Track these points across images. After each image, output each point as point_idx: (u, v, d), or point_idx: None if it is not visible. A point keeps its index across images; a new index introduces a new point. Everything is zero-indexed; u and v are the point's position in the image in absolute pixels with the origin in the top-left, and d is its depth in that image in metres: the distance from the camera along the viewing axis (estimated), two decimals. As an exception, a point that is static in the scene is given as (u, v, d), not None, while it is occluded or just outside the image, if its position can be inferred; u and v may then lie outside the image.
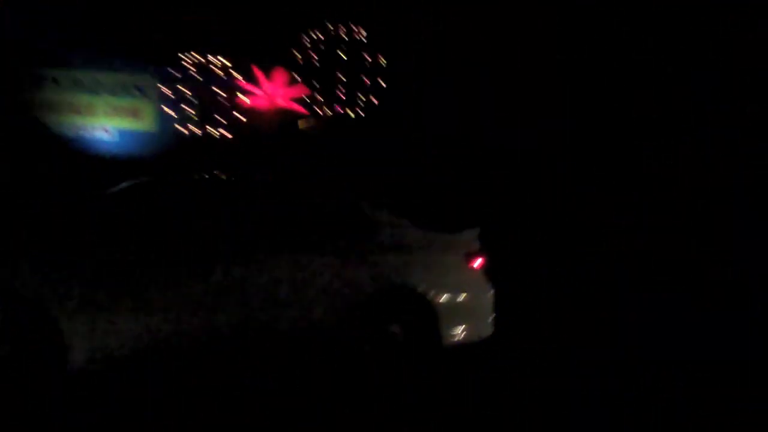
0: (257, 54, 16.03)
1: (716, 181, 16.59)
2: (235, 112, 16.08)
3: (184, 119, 15.56)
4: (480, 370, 6.36)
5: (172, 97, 15.63)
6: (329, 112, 17.54)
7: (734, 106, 17.44)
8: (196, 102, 15.57)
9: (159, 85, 15.56)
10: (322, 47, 17.75)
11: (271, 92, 16.40)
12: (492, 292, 5.83)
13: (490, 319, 5.81)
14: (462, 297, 5.62)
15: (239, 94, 16.24)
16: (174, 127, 15.43)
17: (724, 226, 14.46)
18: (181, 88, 15.59)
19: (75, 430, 4.57)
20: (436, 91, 17.48)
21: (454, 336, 5.53)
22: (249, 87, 16.37)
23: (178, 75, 15.67)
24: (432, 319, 5.44)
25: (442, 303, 5.49)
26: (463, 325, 5.58)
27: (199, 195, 5.47)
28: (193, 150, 15.24)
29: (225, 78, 16.01)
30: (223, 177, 5.88)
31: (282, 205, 5.54)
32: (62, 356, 4.85)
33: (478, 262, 5.74)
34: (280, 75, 16.74)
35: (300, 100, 17.11)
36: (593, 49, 20.08)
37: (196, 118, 15.63)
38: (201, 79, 15.73)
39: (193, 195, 5.46)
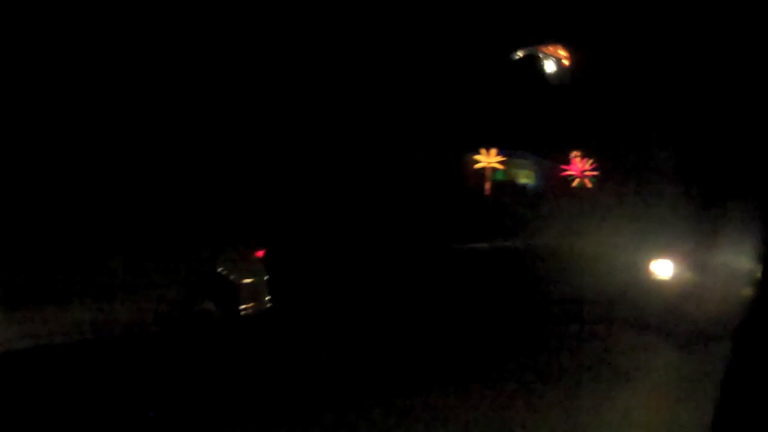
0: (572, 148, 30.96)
1: (716, 181, 16.64)
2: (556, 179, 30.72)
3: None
4: (490, 370, 6.42)
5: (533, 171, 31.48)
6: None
7: (734, 106, 17.48)
8: (538, 172, 31.01)
9: (532, 164, 31.09)
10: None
11: (576, 169, 30.93)
12: (267, 276, 7.03)
13: (267, 298, 6.96)
14: (249, 280, 6.86)
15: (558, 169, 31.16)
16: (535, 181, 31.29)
17: (724, 226, 14.48)
18: (535, 165, 31.06)
19: None
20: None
21: (245, 310, 6.71)
22: (563, 166, 31.09)
23: (542, 161, 30.87)
24: (234, 297, 6.63)
25: (239, 285, 6.72)
26: (251, 303, 6.81)
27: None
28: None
29: (553, 161, 30.74)
30: None
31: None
32: None
33: (260, 252, 7.01)
34: (583, 159, 30.87)
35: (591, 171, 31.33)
36: (594, 49, 20.13)
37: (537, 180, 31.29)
38: (544, 161, 30.78)
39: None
